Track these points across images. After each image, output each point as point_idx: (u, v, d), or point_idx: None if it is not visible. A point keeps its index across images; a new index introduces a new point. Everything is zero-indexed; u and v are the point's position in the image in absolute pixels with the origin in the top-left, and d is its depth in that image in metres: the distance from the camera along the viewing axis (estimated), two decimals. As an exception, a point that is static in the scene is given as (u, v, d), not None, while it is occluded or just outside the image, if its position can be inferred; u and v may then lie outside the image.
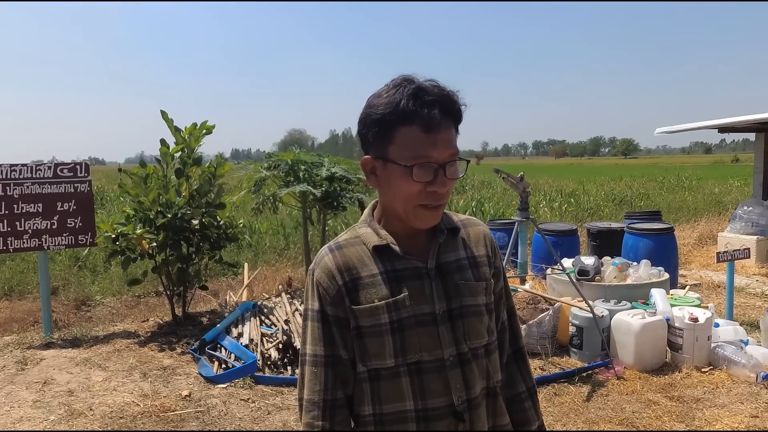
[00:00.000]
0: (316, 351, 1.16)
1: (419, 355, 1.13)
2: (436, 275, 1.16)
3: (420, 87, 1.08)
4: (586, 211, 13.57)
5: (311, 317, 1.18)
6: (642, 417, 3.47)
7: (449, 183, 1.11)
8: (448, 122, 1.09)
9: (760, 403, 3.59)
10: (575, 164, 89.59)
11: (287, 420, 3.50)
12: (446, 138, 1.09)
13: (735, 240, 7.47)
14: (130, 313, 6.04)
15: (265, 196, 5.85)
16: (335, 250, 1.18)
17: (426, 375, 1.13)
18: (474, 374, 1.17)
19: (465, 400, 1.15)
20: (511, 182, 4.39)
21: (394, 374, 1.13)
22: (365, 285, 1.14)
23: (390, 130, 1.09)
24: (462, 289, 1.17)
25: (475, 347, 1.18)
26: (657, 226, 6.41)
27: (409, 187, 1.09)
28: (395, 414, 1.14)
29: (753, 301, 6.01)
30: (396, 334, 1.13)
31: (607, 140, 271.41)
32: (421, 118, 1.06)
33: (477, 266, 1.22)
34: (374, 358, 1.14)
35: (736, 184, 22.37)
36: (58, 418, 3.56)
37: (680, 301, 4.74)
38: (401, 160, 1.08)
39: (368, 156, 1.15)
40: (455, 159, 1.11)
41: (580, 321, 4.33)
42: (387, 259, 1.16)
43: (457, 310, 1.16)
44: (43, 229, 5.10)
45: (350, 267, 1.16)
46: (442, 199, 1.12)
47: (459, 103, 1.12)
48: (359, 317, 1.14)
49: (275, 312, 4.87)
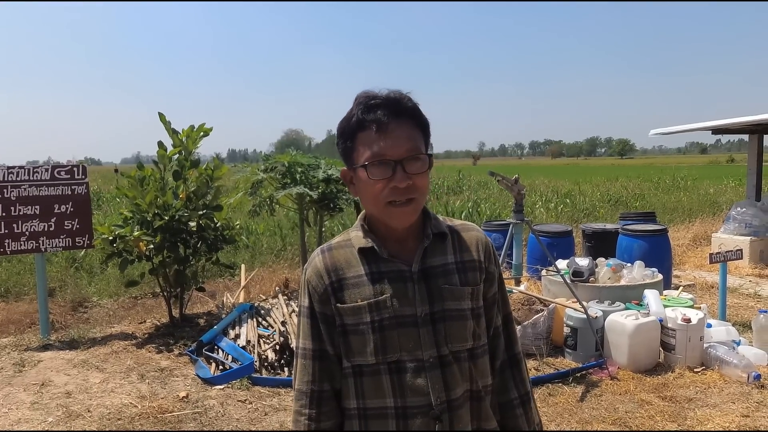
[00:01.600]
0: (305, 345, 1.25)
1: (399, 354, 1.19)
2: (420, 278, 1.21)
3: (368, 95, 1.17)
4: (582, 211, 13.62)
5: (303, 313, 1.26)
6: (635, 417, 3.51)
7: (414, 178, 1.15)
8: (399, 121, 1.16)
9: (751, 403, 3.64)
10: (571, 164, 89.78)
11: (284, 421, 3.53)
12: (399, 135, 1.15)
13: (729, 241, 7.53)
14: (128, 314, 6.06)
15: (263, 197, 5.88)
16: (326, 251, 1.26)
17: (405, 374, 1.19)
18: (455, 377, 1.20)
19: (444, 401, 1.19)
20: (506, 185, 4.43)
21: (375, 371, 1.19)
22: (350, 285, 1.21)
23: (351, 140, 1.18)
24: (445, 293, 1.21)
25: (457, 350, 1.21)
26: (651, 228, 6.46)
27: (372, 187, 1.16)
28: (377, 410, 1.20)
29: (746, 302, 6.07)
30: (377, 333, 1.18)
31: (603, 140, 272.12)
32: (371, 121, 1.15)
33: (465, 271, 1.25)
34: (357, 354, 1.20)
35: (731, 184, 22.47)
36: (56, 419, 3.58)
37: (673, 302, 4.79)
38: (361, 162, 1.16)
39: (344, 168, 1.24)
40: (414, 155, 1.16)
41: (575, 322, 4.37)
42: (373, 261, 1.22)
43: (439, 313, 1.20)
44: (41, 231, 5.12)
45: (338, 268, 1.23)
46: (408, 194, 1.16)
47: (407, 101, 1.18)
48: (344, 315, 1.21)
49: (272, 313, 4.90)
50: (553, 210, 13.67)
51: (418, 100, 1.21)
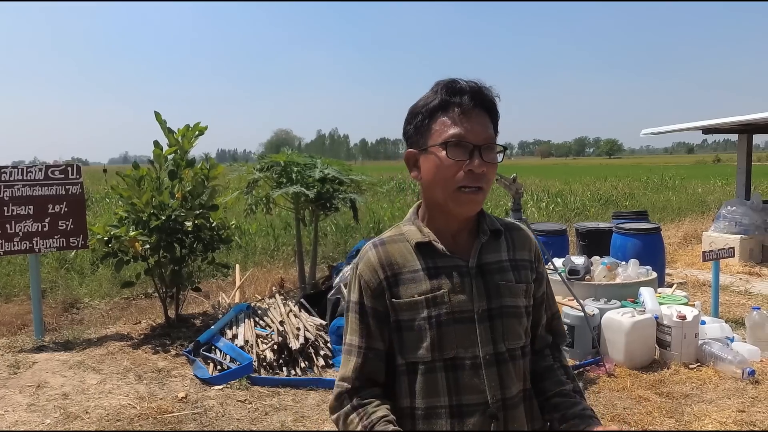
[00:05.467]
0: (352, 341, 1.22)
1: (455, 351, 1.16)
2: (477, 274, 1.19)
3: (453, 80, 1.17)
4: (573, 211, 13.72)
5: (351, 309, 1.23)
6: (633, 413, 3.55)
7: (487, 166, 1.15)
8: (481, 110, 1.17)
9: (746, 398, 3.70)
10: (560, 164, 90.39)
11: (285, 420, 3.53)
12: (480, 122, 1.16)
13: (719, 239, 7.63)
14: (122, 315, 6.01)
15: (258, 197, 5.86)
16: (379, 245, 1.23)
17: (461, 371, 1.17)
18: (510, 375, 1.19)
19: (500, 399, 1.17)
20: (505, 183, 4.46)
21: (430, 369, 1.17)
22: (406, 280, 1.19)
23: (429, 120, 1.17)
24: (503, 289, 1.20)
25: (512, 348, 1.20)
26: (644, 226, 6.52)
27: (447, 170, 1.14)
28: (429, 409, 1.17)
29: (737, 299, 6.15)
30: (434, 329, 1.16)
31: (591, 140, 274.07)
32: (454, 104, 1.15)
33: (518, 269, 1.25)
34: (412, 351, 1.18)
35: (719, 183, 22.76)
36: (54, 421, 3.54)
37: (668, 299, 4.84)
38: (439, 142, 1.15)
39: (411, 150, 1.22)
40: (491, 143, 1.17)
41: (572, 320, 4.40)
42: (429, 256, 1.20)
43: (496, 309, 1.19)
44: (34, 232, 5.06)
45: (392, 262, 1.20)
46: (480, 182, 1.15)
47: (491, 94, 1.19)
48: (399, 311, 1.18)
49: (269, 313, 4.88)
50: (544, 209, 13.76)
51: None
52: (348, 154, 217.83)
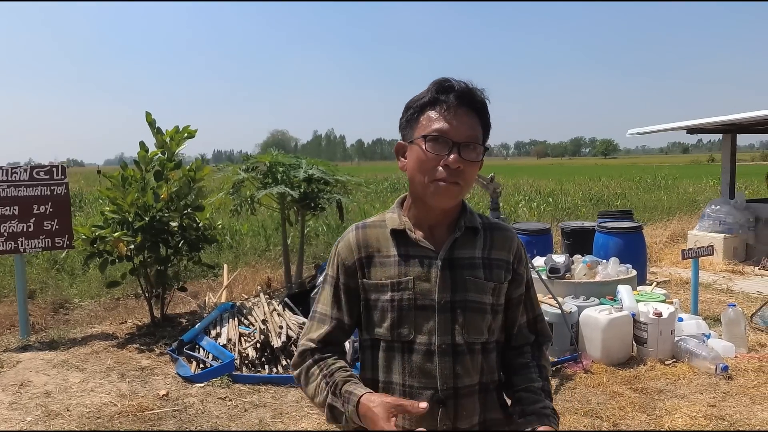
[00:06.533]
0: (324, 310, 1.31)
1: (413, 335, 1.24)
2: (445, 266, 1.25)
3: (445, 79, 1.23)
4: (564, 210, 13.80)
5: (327, 281, 1.32)
6: (606, 408, 3.61)
7: (464, 163, 1.19)
8: (468, 110, 1.22)
9: (718, 393, 3.76)
10: (556, 164, 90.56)
11: (263, 417, 3.58)
12: (465, 121, 1.21)
13: (704, 238, 7.71)
14: (109, 315, 6.04)
15: (244, 197, 5.91)
16: (360, 228, 1.32)
17: (415, 355, 1.24)
18: (466, 366, 1.24)
19: (451, 388, 1.23)
20: (482, 183, 4.52)
21: (390, 347, 1.26)
22: (378, 263, 1.27)
23: (418, 114, 1.24)
24: (469, 284, 1.26)
25: (472, 342, 1.25)
26: (626, 225, 6.59)
27: (426, 162, 1.20)
28: (387, 383, 1.27)
29: (718, 297, 6.22)
30: (395, 311, 1.24)
31: (587, 141, 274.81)
32: (442, 101, 1.21)
33: (491, 267, 1.29)
34: (375, 328, 1.27)
35: (710, 183, 22.87)
36: (35, 419, 3.58)
37: (646, 297, 4.91)
38: (421, 135, 1.22)
39: (400, 141, 1.30)
40: (472, 142, 1.21)
41: (550, 317, 4.46)
42: (403, 244, 1.27)
43: (460, 302, 1.25)
44: (20, 232, 5.09)
45: (369, 245, 1.29)
46: (456, 177, 1.20)
47: (480, 95, 1.24)
48: (368, 291, 1.27)
49: (253, 312, 4.93)
50: (535, 209, 13.83)
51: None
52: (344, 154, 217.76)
